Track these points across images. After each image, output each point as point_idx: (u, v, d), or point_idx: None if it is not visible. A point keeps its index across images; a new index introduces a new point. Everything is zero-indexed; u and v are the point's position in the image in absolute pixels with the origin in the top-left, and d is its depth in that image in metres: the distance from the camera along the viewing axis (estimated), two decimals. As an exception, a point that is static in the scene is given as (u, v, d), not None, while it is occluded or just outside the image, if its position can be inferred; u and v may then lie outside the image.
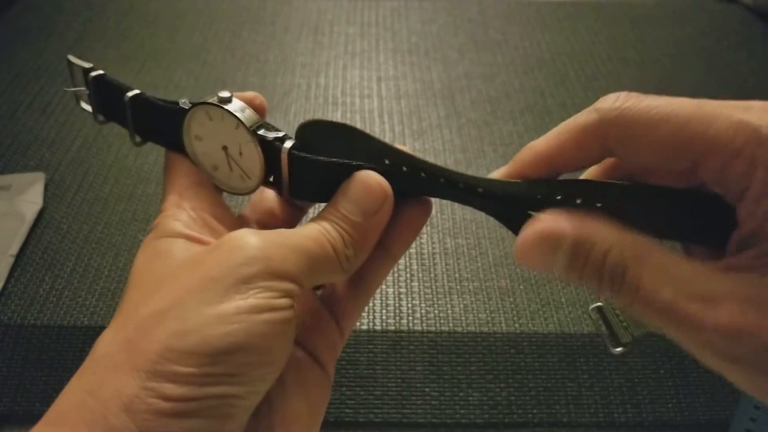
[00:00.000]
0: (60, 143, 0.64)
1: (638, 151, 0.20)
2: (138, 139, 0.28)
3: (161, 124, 0.26)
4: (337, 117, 0.69)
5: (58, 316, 0.48)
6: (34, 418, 0.19)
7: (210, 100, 0.24)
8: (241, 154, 0.25)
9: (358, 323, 0.48)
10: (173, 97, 0.26)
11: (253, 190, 0.26)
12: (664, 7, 0.91)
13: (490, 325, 0.48)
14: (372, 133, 0.24)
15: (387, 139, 0.66)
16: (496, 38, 0.83)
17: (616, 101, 0.20)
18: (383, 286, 0.51)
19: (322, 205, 0.25)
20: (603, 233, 0.20)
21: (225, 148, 0.25)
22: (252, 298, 0.20)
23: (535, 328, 0.48)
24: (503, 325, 0.48)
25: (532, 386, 0.46)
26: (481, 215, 0.58)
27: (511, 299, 0.50)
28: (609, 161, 0.23)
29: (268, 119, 0.27)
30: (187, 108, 0.25)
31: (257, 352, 0.20)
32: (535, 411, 0.45)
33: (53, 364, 0.46)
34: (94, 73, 0.27)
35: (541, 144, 0.22)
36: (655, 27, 0.86)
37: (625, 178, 0.23)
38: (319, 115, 0.69)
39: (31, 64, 0.75)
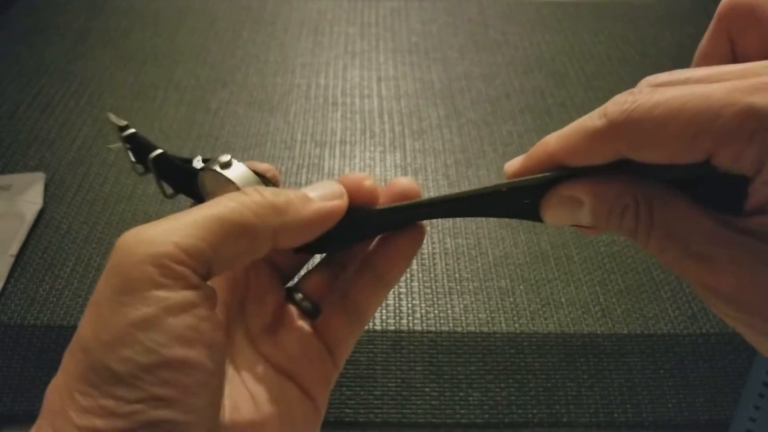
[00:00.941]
0: (60, 143, 0.64)
1: (648, 152, 0.20)
2: (170, 191, 0.29)
3: (183, 180, 0.28)
4: (337, 117, 0.69)
5: (58, 316, 0.48)
6: (34, 418, 0.19)
7: (212, 165, 0.25)
8: None
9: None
10: (173, 98, 0.27)
11: None
12: (664, 7, 0.91)
13: (490, 325, 0.48)
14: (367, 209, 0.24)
15: (387, 140, 0.67)
16: (496, 38, 0.83)
17: (624, 104, 0.20)
18: (383, 286, 0.51)
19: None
20: (618, 192, 0.21)
21: None
22: (141, 306, 0.18)
23: (535, 328, 0.48)
24: (503, 325, 0.48)
25: (532, 386, 0.46)
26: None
27: (511, 299, 0.50)
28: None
29: (269, 119, 0.28)
30: (199, 168, 0.26)
31: (169, 367, 0.18)
32: (535, 411, 0.45)
33: (53, 364, 0.46)
34: (126, 133, 0.29)
35: (553, 143, 0.22)
36: (655, 27, 0.86)
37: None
38: (318, 115, 0.69)
39: (32, 64, 0.75)
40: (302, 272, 0.28)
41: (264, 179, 0.25)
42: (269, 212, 0.21)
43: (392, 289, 0.51)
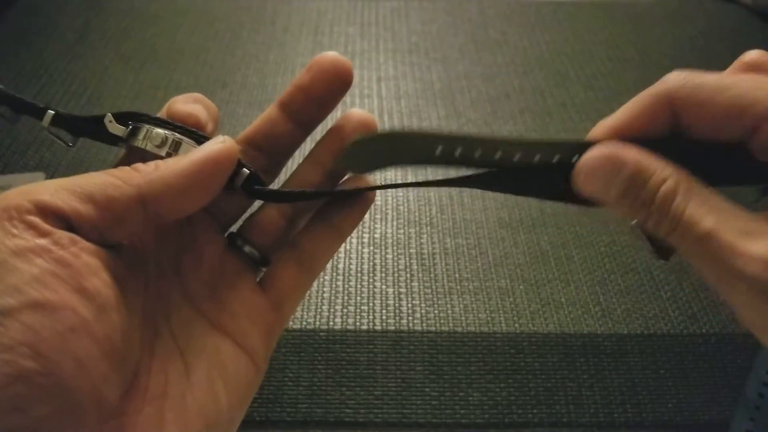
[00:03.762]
0: (60, 143, 0.64)
1: (702, 116, 0.21)
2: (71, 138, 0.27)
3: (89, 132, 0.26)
4: (336, 117, 0.69)
5: (58, 316, 0.48)
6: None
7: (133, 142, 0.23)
8: None
9: (358, 323, 0.48)
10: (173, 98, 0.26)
11: None
12: (664, 7, 0.91)
13: (490, 325, 0.48)
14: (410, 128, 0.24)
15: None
16: (496, 38, 0.83)
17: (682, 74, 0.22)
18: (383, 286, 0.51)
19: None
20: (662, 165, 0.21)
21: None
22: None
23: (535, 328, 0.48)
24: (503, 325, 0.48)
25: (532, 386, 0.46)
26: (481, 215, 0.58)
27: (511, 299, 0.50)
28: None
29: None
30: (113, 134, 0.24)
31: (34, 310, 0.17)
32: (535, 411, 0.45)
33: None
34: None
35: (612, 119, 0.23)
36: (655, 27, 0.86)
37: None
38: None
39: (32, 64, 0.75)
40: (244, 217, 0.26)
41: (185, 131, 0.23)
42: (129, 174, 0.20)
43: (392, 291, 0.51)
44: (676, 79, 0.22)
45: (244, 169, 0.23)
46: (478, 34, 0.84)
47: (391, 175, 0.58)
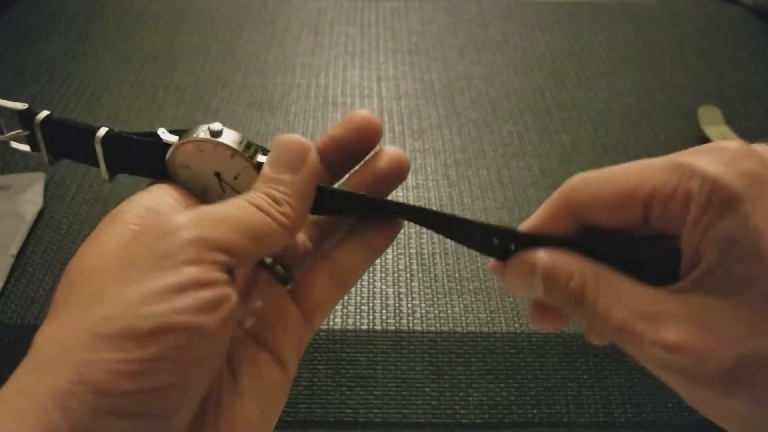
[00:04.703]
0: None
1: (598, 209, 0.23)
2: (110, 173, 0.27)
3: (138, 157, 0.26)
4: (336, 117, 0.69)
5: (58, 316, 0.48)
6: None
7: (199, 134, 0.24)
8: (236, 178, 0.25)
9: (357, 323, 0.48)
10: (173, 98, 0.26)
11: None
12: (664, 7, 0.91)
13: (490, 325, 0.48)
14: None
15: (387, 140, 0.67)
16: (496, 38, 0.83)
17: (580, 175, 0.23)
18: (383, 286, 0.51)
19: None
20: (568, 263, 0.23)
21: (218, 174, 0.25)
22: (177, 274, 0.19)
23: (535, 328, 0.48)
24: (503, 325, 0.48)
25: (532, 386, 0.46)
26: (481, 215, 0.58)
27: (511, 299, 0.50)
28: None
29: (269, 119, 0.27)
30: (167, 140, 0.25)
31: (188, 332, 0.19)
32: (535, 411, 0.45)
33: (53, 364, 0.46)
34: (41, 116, 0.26)
35: (528, 221, 0.25)
36: (655, 27, 0.86)
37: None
38: (318, 115, 0.69)
39: (32, 63, 0.75)
40: None
41: (255, 145, 0.25)
42: (275, 205, 0.22)
43: (392, 291, 0.51)
44: (574, 180, 0.23)
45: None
46: (478, 34, 0.84)
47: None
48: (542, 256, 0.23)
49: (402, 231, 0.56)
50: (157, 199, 0.24)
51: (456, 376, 0.46)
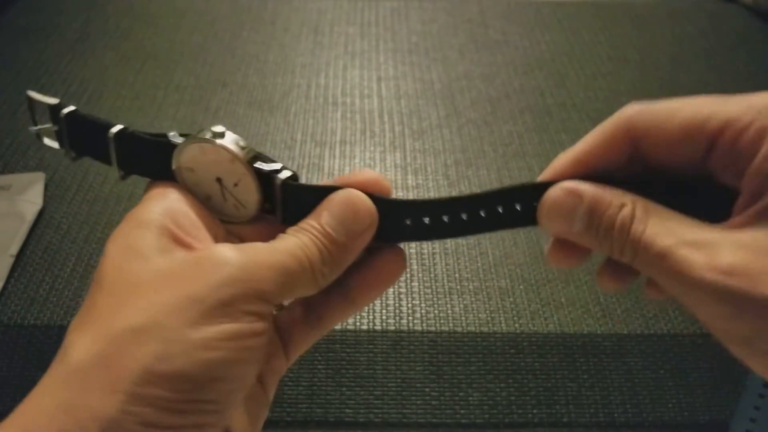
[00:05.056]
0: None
1: (660, 138, 0.22)
2: (122, 173, 0.27)
3: (148, 157, 0.26)
4: (337, 117, 0.69)
5: (58, 316, 0.48)
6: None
7: (204, 136, 0.24)
8: (236, 185, 0.25)
9: (358, 323, 0.48)
10: (173, 98, 0.26)
11: (248, 219, 0.25)
12: (664, 7, 0.91)
13: (490, 325, 0.48)
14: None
15: (387, 140, 0.67)
16: (496, 38, 0.83)
17: (638, 104, 0.22)
18: (383, 286, 0.51)
19: None
20: (619, 193, 0.22)
21: (219, 179, 0.25)
22: (234, 323, 0.20)
23: (535, 328, 0.48)
24: (503, 325, 0.48)
25: (532, 386, 0.46)
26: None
27: (511, 299, 0.50)
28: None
29: (269, 119, 0.27)
30: (176, 142, 0.25)
31: (237, 380, 0.20)
32: (535, 411, 0.45)
33: (53, 364, 0.46)
34: (66, 110, 0.26)
35: (573, 150, 0.24)
36: (655, 27, 0.86)
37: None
38: (318, 115, 0.69)
39: (32, 64, 0.75)
40: None
41: (259, 154, 0.25)
42: (322, 263, 0.23)
43: (392, 291, 0.51)
44: (633, 107, 0.23)
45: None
46: (478, 34, 0.84)
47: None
48: (589, 186, 0.22)
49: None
50: (177, 208, 0.23)
51: (456, 376, 0.46)
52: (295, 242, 0.22)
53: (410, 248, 0.54)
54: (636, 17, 0.88)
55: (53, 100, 0.26)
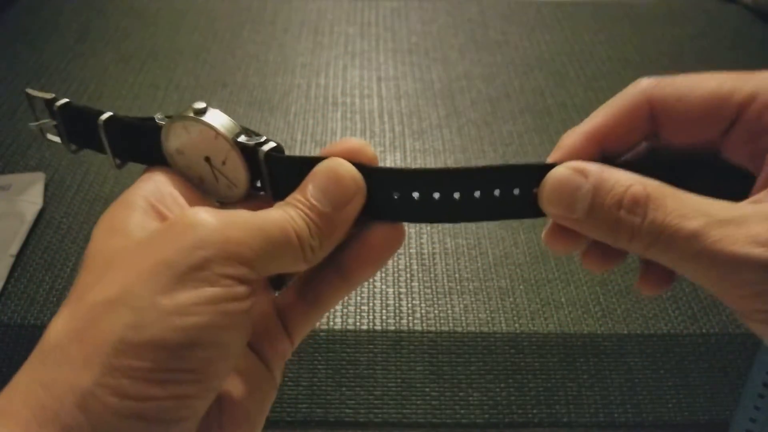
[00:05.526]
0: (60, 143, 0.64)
1: (681, 111, 0.21)
2: (118, 161, 0.27)
3: (140, 142, 0.26)
4: (337, 117, 0.69)
5: (58, 316, 0.48)
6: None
7: (185, 113, 0.24)
8: (224, 163, 0.24)
9: (357, 323, 0.48)
10: (173, 98, 0.26)
11: (242, 198, 0.25)
12: (664, 7, 0.91)
13: (490, 325, 0.48)
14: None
15: (387, 140, 0.67)
16: (496, 38, 0.83)
17: (653, 77, 0.21)
18: (383, 286, 0.51)
19: None
20: (626, 174, 0.20)
21: (208, 159, 0.24)
22: (210, 287, 0.19)
23: (535, 328, 0.48)
24: (503, 325, 0.48)
25: (532, 386, 0.46)
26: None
27: (511, 299, 0.50)
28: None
29: (269, 119, 0.27)
30: (163, 124, 0.24)
31: (216, 347, 0.19)
32: (535, 411, 0.45)
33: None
34: (59, 103, 0.26)
35: (587, 123, 0.22)
36: (655, 27, 0.86)
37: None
38: (318, 115, 0.69)
39: (31, 64, 0.75)
40: None
41: (245, 129, 0.24)
42: (310, 237, 0.22)
43: (392, 291, 0.51)
44: (647, 80, 0.21)
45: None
46: (478, 34, 0.84)
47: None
48: (593, 166, 0.20)
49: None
50: (164, 189, 0.23)
51: (456, 376, 0.46)
52: (281, 214, 0.21)
53: (410, 248, 0.54)
54: (636, 17, 0.88)
55: (49, 95, 0.27)
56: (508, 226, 0.56)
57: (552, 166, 0.21)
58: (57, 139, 0.28)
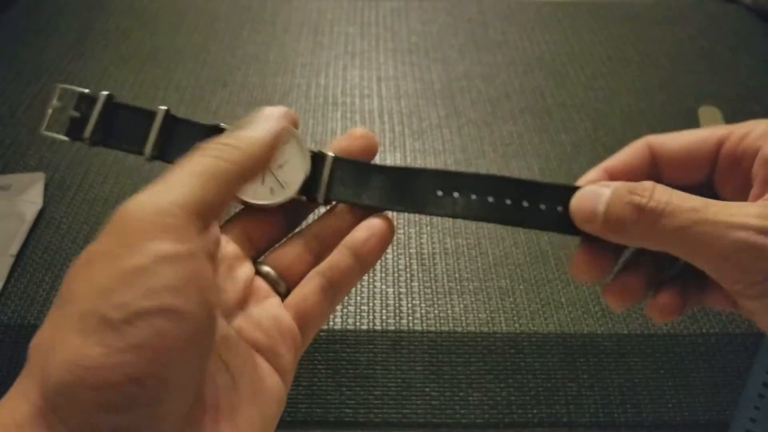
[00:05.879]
0: (60, 143, 0.64)
1: (668, 155, 0.26)
2: (154, 153, 0.27)
3: (190, 142, 0.26)
4: (337, 117, 0.69)
5: (58, 316, 0.48)
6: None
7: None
8: (281, 166, 0.25)
9: (358, 323, 0.48)
10: (173, 98, 0.27)
11: (284, 202, 0.26)
12: (664, 7, 0.91)
13: (490, 325, 0.48)
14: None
15: (387, 140, 0.67)
16: (496, 38, 0.83)
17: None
18: (383, 286, 0.51)
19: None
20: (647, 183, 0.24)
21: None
22: (139, 254, 0.18)
23: (535, 328, 0.48)
24: (503, 325, 0.48)
25: (532, 386, 0.46)
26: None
27: (511, 299, 0.50)
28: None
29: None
30: (227, 127, 0.25)
31: (161, 315, 0.18)
32: (535, 411, 0.45)
33: (53, 364, 0.46)
34: (104, 93, 0.28)
35: (603, 163, 0.27)
36: (655, 27, 0.86)
37: None
38: (318, 115, 0.69)
39: (31, 64, 0.75)
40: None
41: None
42: (240, 157, 0.22)
43: (392, 291, 0.51)
44: (650, 136, 0.27)
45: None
46: (478, 34, 0.84)
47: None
48: (613, 184, 0.25)
49: (402, 231, 0.56)
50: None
51: (456, 376, 0.46)
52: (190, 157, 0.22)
53: (410, 248, 0.54)
54: (636, 17, 0.88)
55: (86, 90, 0.28)
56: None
57: (578, 187, 0.26)
58: (59, 136, 0.28)
